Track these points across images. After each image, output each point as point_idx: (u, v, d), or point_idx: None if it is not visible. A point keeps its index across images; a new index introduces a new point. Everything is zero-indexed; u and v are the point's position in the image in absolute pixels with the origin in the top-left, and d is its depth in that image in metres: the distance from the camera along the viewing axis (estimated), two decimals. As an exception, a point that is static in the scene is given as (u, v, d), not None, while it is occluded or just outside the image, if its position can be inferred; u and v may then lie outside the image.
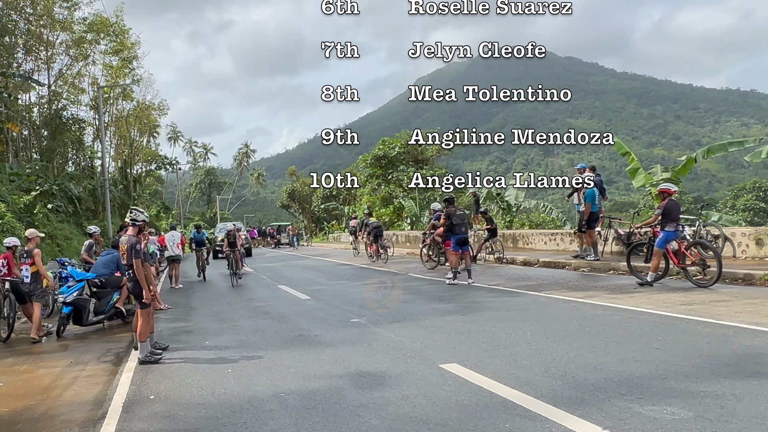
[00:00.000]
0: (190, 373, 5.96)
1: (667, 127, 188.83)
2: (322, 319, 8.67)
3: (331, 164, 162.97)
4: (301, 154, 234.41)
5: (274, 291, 13.12)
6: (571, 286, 10.51)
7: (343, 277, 15.58)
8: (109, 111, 40.42)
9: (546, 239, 18.04)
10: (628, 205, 69.30)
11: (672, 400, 4.05)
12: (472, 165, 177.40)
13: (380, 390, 4.83)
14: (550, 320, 7.36)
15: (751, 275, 9.43)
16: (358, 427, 4.02)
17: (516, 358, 5.50)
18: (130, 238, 6.76)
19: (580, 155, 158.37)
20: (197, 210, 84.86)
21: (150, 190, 58.76)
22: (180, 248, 15.10)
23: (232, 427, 4.24)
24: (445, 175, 40.25)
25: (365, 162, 40.73)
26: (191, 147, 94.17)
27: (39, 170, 28.41)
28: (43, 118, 33.73)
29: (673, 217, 9.46)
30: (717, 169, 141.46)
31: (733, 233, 11.97)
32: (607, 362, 5.15)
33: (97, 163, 39.27)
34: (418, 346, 6.36)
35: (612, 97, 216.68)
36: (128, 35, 38.32)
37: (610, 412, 3.90)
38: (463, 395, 4.51)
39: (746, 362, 4.89)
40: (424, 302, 9.69)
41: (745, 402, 3.94)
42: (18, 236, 14.99)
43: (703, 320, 6.64)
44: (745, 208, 56.50)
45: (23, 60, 33.05)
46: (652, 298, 8.42)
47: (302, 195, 65.20)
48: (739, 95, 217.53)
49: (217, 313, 10.27)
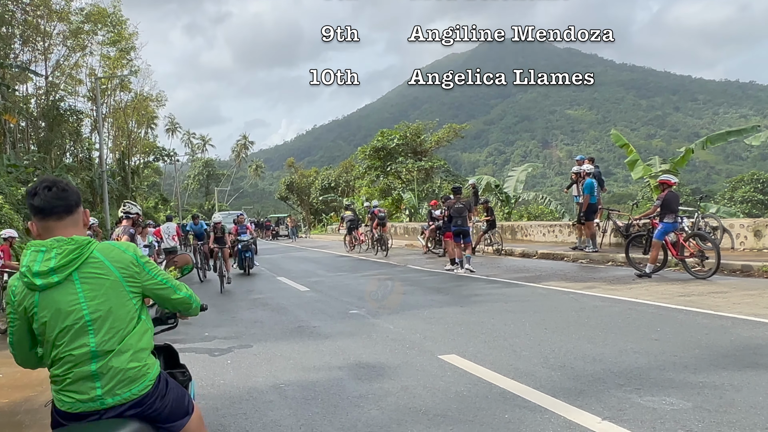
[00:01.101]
0: (189, 364, 5.90)
1: (665, 118, 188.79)
2: (321, 310, 8.68)
3: (330, 156, 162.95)
4: (299, 146, 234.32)
5: (273, 283, 13.13)
6: (569, 277, 10.53)
7: (341, 268, 15.60)
8: (107, 102, 40.27)
9: (545, 231, 18.05)
10: (627, 196, 69.37)
11: (671, 391, 4.07)
12: (471, 156, 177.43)
13: (380, 381, 4.84)
14: (549, 311, 7.37)
15: (749, 266, 9.45)
16: (358, 417, 4.03)
17: (515, 349, 5.52)
18: (125, 228, 6.79)
19: (579, 147, 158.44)
20: (195, 202, 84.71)
21: (148, 181, 58.70)
22: (176, 240, 15.01)
23: (232, 418, 4.24)
24: (445, 166, 40.41)
25: (364, 153, 40.67)
26: (189, 138, 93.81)
27: (36, 162, 28.34)
28: (41, 110, 33.61)
29: (672, 208, 9.46)
30: (715, 160, 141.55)
31: (732, 225, 11.98)
32: (605, 353, 5.16)
33: (94, 155, 39.21)
34: (417, 337, 6.37)
35: (611, 88, 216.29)
36: (126, 26, 38.20)
37: (609, 403, 3.91)
38: (462, 386, 4.52)
39: (744, 353, 4.91)
40: (423, 293, 9.71)
41: (743, 392, 3.95)
42: (16, 228, 14.97)
43: (702, 311, 6.65)
44: (743, 199, 56.51)
45: (20, 51, 32.92)
46: (650, 290, 8.43)
47: (301, 187, 65.12)
48: (737, 87, 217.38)
49: (216, 305, 10.27)
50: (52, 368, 2.11)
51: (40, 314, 2.06)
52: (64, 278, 2.06)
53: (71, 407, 2.07)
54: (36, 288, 2.05)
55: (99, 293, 2.09)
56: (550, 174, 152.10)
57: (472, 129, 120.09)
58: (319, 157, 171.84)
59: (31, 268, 2.05)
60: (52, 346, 2.08)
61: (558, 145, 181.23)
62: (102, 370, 2.07)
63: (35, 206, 2.15)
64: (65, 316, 2.05)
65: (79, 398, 2.07)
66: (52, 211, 2.14)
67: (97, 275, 2.10)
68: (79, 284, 2.07)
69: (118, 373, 2.09)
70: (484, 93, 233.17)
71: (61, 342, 2.06)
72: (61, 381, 2.08)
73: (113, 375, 2.08)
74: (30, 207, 2.20)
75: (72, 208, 2.19)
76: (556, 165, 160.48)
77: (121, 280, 2.14)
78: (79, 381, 2.06)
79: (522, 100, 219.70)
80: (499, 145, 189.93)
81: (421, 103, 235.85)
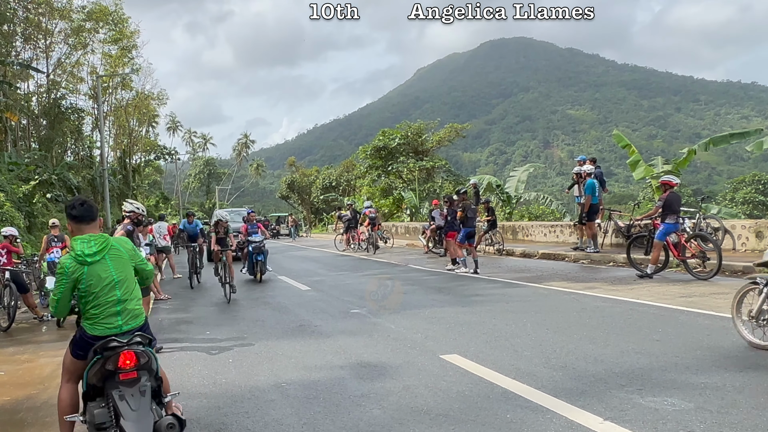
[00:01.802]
0: (191, 363, 5.97)
1: (667, 119, 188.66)
2: (322, 309, 8.68)
3: (331, 155, 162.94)
4: (300, 145, 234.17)
5: (274, 282, 13.13)
6: (571, 277, 10.53)
7: (342, 268, 15.60)
8: (108, 100, 40.28)
9: (546, 231, 18.05)
10: (628, 197, 69.29)
11: (672, 392, 4.07)
12: (472, 156, 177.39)
13: (381, 380, 4.85)
14: (551, 312, 7.37)
15: (751, 268, 9.43)
16: (360, 416, 4.03)
17: (516, 349, 5.52)
18: (123, 225, 6.97)
19: (580, 147, 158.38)
20: (196, 200, 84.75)
21: (149, 180, 58.76)
22: (167, 239, 14.83)
23: (234, 417, 4.25)
24: (446, 166, 40.39)
25: (365, 153, 40.61)
26: (190, 137, 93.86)
27: (38, 160, 28.36)
28: (42, 107, 33.62)
29: (674, 209, 9.46)
30: (717, 161, 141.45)
31: (733, 226, 11.97)
32: (607, 354, 5.16)
33: (96, 153, 39.25)
34: (419, 336, 6.38)
35: (612, 88, 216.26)
36: (127, 24, 38.16)
37: (611, 403, 3.92)
38: (464, 386, 4.53)
39: (746, 354, 4.91)
40: (424, 293, 9.71)
41: (745, 393, 3.96)
42: (17, 226, 14.98)
43: (703, 312, 6.66)
44: (744, 201, 56.47)
45: (22, 48, 32.95)
46: (652, 290, 8.43)
47: (301, 186, 65.10)
48: (739, 87, 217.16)
49: (217, 304, 10.29)
50: (90, 310, 3.38)
51: (87, 279, 3.36)
52: (102, 257, 3.41)
53: (102, 332, 3.36)
54: (87, 263, 3.36)
55: (120, 265, 3.47)
56: (551, 174, 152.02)
57: (474, 129, 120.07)
58: (320, 156, 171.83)
59: (84, 251, 3.36)
60: (94, 297, 3.36)
61: (559, 145, 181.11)
62: (122, 310, 3.42)
63: (74, 215, 3.48)
64: (103, 279, 3.38)
65: (107, 326, 3.38)
66: (83, 219, 3.49)
67: (118, 256, 3.49)
68: (110, 261, 3.44)
69: (130, 312, 3.46)
70: (486, 93, 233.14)
71: (101, 294, 3.37)
72: (96, 317, 3.38)
73: (128, 313, 3.44)
74: (69, 216, 3.50)
75: (95, 216, 3.57)
76: (558, 165, 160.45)
77: (128, 258, 3.55)
78: (109, 317, 3.39)
79: (523, 99, 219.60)
80: (501, 144, 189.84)
81: (423, 102, 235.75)
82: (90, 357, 3.32)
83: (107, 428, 3.19)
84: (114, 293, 3.38)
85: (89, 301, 3.36)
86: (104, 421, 3.17)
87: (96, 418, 3.18)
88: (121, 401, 3.13)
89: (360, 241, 21.86)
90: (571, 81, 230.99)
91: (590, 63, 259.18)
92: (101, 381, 3.28)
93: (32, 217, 20.37)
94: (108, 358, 3.23)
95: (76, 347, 3.45)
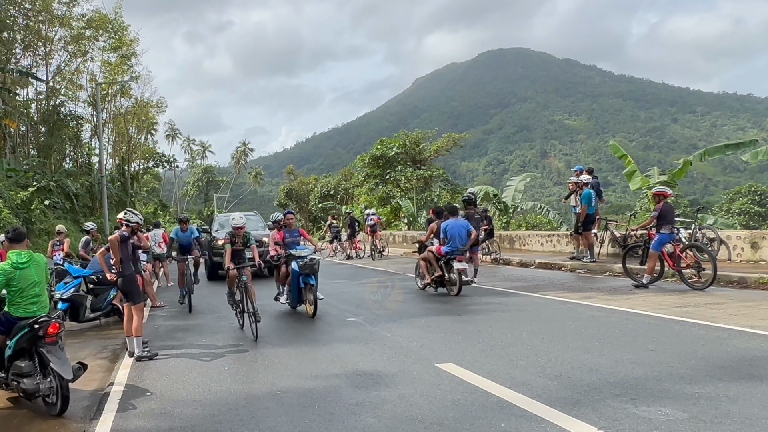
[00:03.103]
0: (186, 371, 5.97)
1: (663, 129, 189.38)
2: (318, 317, 8.68)
3: (329, 164, 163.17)
4: (299, 153, 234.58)
5: (271, 290, 13.10)
6: (567, 287, 10.54)
7: (339, 276, 15.58)
8: (107, 108, 40.32)
9: (542, 240, 18.09)
10: (625, 207, 69.46)
11: (666, 401, 4.09)
12: (470, 165, 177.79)
13: (377, 389, 4.85)
14: (546, 321, 7.39)
15: (746, 278, 9.48)
16: (355, 425, 4.04)
17: (512, 359, 5.53)
18: (121, 231, 6.99)
19: (577, 157, 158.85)
20: (194, 208, 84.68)
21: (147, 187, 58.71)
22: (162, 247, 14.74)
23: (229, 425, 4.25)
24: (443, 175, 40.48)
25: (363, 162, 40.72)
26: (189, 145, 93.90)
27: (36, 166, 28.35)
28: (41, 114, 33.64)
29: (668, 219, 9.51)
30: (713, 172, 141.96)
31: (729, 236, 12.02)
32: (602, 363, 5.18)
33: (94, 160, 39.22)
34: (415, 345, 6.39)
35: (609, 99, 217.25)
36: (127, 32, 38.28)
37: (605, 413, 3.93)
38: (459, 395, 4.54)
39: (740, 364, 4.93)
40: (421, 302, 9.71)
41: (739, 404, 3.97)
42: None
43: (698, 322, 6.68)
44: (740, 211, 56.61)
45: (21, 55, 33.01)
46: (647, 300, 8.46)
47: (300, 194, 65.17)
48: (735, 99, 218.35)
49: (214, 311, 10.27)
50: (17, 299, 5.15)
51: (17, 280, 5.13)
52: (28, 265, 5.23)
53: (23, 314, 5.14)
54: (19, 268, 5.16)
55: (39, 272, 5.32)
56: (548, 184, 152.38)
57: (471, 138, 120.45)
58: (318, 165, 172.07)
59: (18, 261, 5.20)
60: (20, 291, 5.15)
61: (556, 155, 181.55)
62: (37, 301, 5.24)
63: (9, 238, 5.41)
64: (29, 280, 5.19)
65: (27, 311, 5.15)
66: (14, 240, 5.37)
67: (38, 265, 5.34)
68: (33, 268, 5.27)
69: (42, 303, 5.28)
70: (483, 103, 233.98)
71: (26, 289, 5.17)
72: (20, 304, 5.15)
73: (41, 303, 5.27)
74: (6, 238, 5.45)
75: (23, 239, 5.46)
76: (555, 175, 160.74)
77: (44, 268, 5.43)
78: (29, 305, 5.18)
79: (521, 109, 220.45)
80: (498, 154, 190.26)
81: (421, 112, 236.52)
82: (15, 331, 5.07)
83: (31, 375, 4.97)
84: (34, 290, 5.22)
85: (16, 293, 5.14)
86: (30, 370, 4.98)
87: (23, 369, 4.97)
88: (50, 354, 4.94)
89: (358, 249, 21.86)
90: (568, 91, 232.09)
91: (587, 74, 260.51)
92: (29, 343, 5.03)
93: (30, 224, 20.32)
94: (42, 326, 4.99)
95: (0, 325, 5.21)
